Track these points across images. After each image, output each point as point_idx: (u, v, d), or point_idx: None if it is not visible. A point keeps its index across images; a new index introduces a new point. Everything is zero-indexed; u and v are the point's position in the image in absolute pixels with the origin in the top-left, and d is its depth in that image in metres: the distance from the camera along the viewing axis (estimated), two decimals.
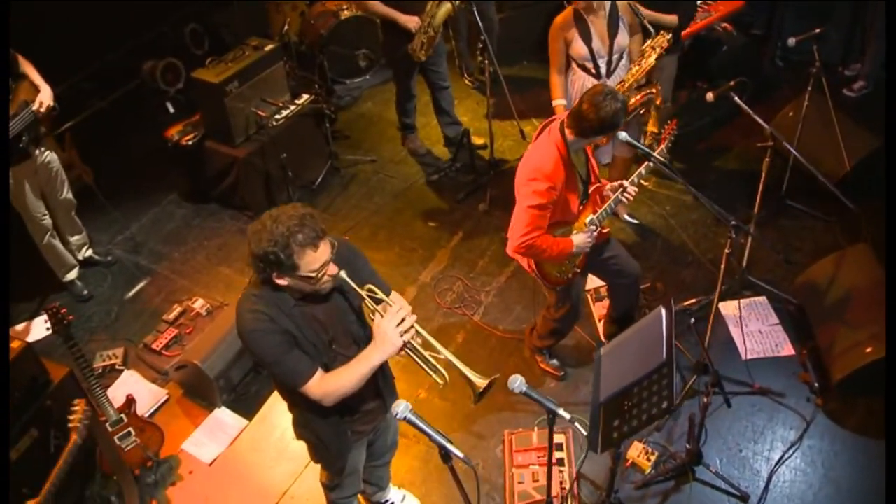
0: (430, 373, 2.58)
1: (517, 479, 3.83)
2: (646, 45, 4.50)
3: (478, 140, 6.00)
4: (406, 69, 5.43)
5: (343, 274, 2.52)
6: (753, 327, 4.48)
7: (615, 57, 4.44)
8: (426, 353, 2.58)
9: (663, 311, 2.83)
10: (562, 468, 3.86)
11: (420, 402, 4.30)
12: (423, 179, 5.90)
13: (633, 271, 3.96)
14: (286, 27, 6.30)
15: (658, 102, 5.44)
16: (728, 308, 4.59)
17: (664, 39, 4.47)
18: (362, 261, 2.81)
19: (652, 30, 4.54)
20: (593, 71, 4.44)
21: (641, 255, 5.03)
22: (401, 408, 2.36)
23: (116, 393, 4.37)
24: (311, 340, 2.63)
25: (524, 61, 6.98)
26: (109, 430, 3.82)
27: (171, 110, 6.61)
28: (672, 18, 4.81)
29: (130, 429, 3.88)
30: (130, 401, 3.94)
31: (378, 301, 2.60)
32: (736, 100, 4.09)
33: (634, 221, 5.26)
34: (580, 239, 3.56)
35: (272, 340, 2.55)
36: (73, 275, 5.09)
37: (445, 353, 2.54)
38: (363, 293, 2.58)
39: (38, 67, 4.52)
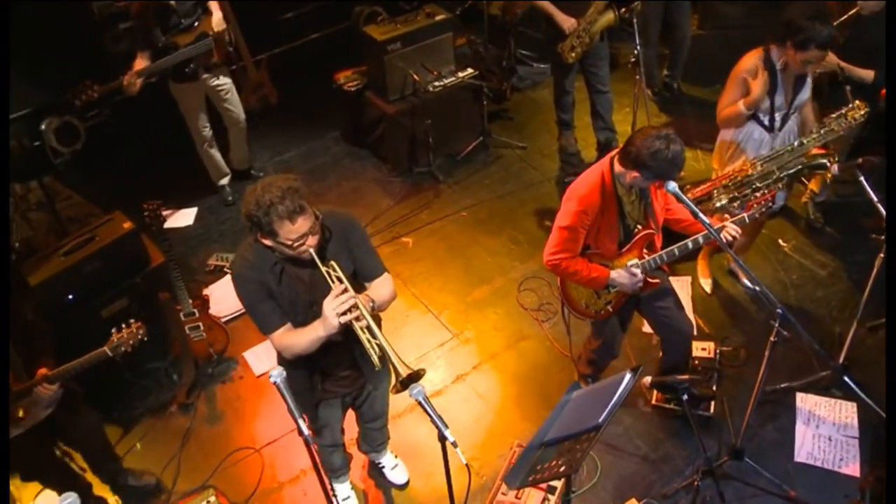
0: (370, 355, 2.71)
1: (502, 490, 3.85)
2: (839, 112, 3.95)
3: None
4: (562, 66, 5.36)
5: (311, 251, 2.71)
6: (825, 431, 4.02)
7: (792, 112, 4.06)
8: (364, 337, 2.71)
9: (626, 377, 2.71)
10: (550, 495, 3.81)
11: (449, 389, 4.43)
12: (559, 178, 5.85)
13: (682, 329, 3.73)
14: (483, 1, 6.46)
15: (829, 176, 4.89)
16: (807, 402, 4.15)
17: (860, 112, 3.91)
18: (359, 236, 2.97)
19: (850, 98, 4.05)
20: (766, 123, 4.09)
21: (743, 315, 4.68)
22: (275, 372, 2.50)
23: (215, 291, 4.97)
24: (289, 298, 2.87)
25: (718, 84, 6.51)
26: (182, 319, 4.38)
27: None
28: (867, 74, 4.28)
29: (200, 324, 4.43)
30: (205, 300, 4.48)
31: (335, 279, 2.76)
32: (861, 180, 3.62)
33: (756, 288, 4.81)
34: (620, 275, 3.43)
35: (249, 287, 2.84)
36: (224, 181, 5.78)
37: (380, 339, 2.68)
38: (323, 269, 2.75)
39: None
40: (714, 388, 4.20)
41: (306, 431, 2.38)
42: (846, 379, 4.08)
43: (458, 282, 5.10)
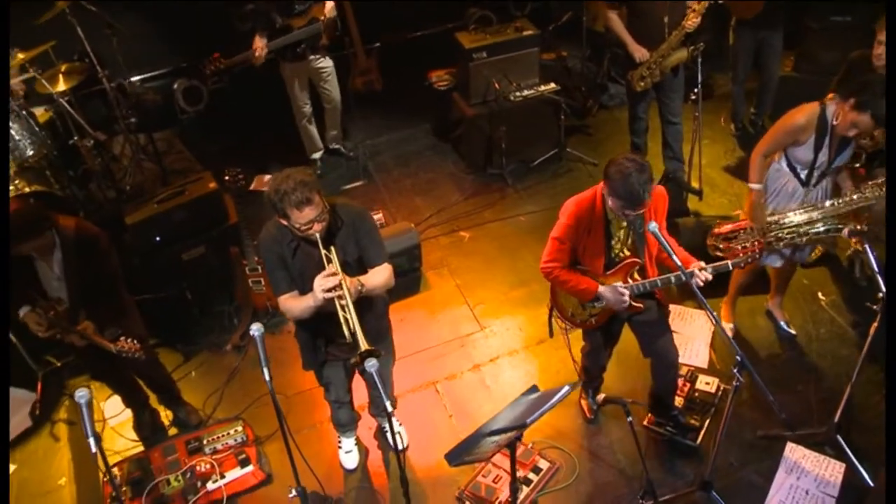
0: (343, 328, 3.18)
1: (483, 472, 4.25)
2: (878, 181, 4.02)
3: (695, 184, 5.93)
4: (634, 92, 5.57)
5: (318, 235, 3.21)
6: (805, 484, 4.12)
7: (830, 171, 4.14)
8: (342, 314, 3.19)
9: (564, 389, 3.05)
10: (525, 486, 4.16)
11: (464, 375, 4.86)
12: None
13: (665, 357, 3.95)
14: (585, 18, 6.71)
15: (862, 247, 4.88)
16: (795, 452, 4.26)
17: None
18: (367, 227, 3.44)
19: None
20: (802, 177, 4.19)
21: (763, 359, 4.77)
22: (254, 327, 3.00)
23: None
24: (299, 270, 3.41)
25: None
26: (247, 273, 5.05)
27: None
28: None
29: (262, 279, 5.07)
30: None
31: (328, 261, 3.25)
32: (865, 247, 3.70)
33: (791, 332, 4.91)
34: (608, 290, 3.70)
35: (269, 256, 3.41)
36: (317, 155, 6.43)
37: (353, 318, 3.14)
38: (323, 252, 3.24)
39: None
40: (706, 422, 4.39)
41: (268, 377, 2.87)
42: (839, 438, 4.20)
43: (500, 280, 5.49)
